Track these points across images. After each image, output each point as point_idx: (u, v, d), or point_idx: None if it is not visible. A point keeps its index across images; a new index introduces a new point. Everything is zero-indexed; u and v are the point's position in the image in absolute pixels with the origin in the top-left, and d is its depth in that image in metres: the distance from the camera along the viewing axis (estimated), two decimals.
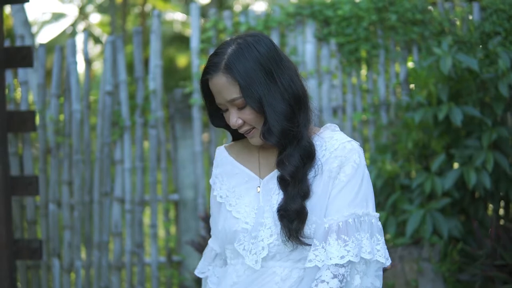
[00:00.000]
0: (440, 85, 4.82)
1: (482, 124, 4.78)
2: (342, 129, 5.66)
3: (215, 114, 2.20)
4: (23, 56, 4.19)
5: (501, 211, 5.18)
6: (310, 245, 2.04)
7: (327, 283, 1.96)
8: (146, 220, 6.80)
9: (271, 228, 2.07)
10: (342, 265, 1.98)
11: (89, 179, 5.58)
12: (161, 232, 7.50)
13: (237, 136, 2.29)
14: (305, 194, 2.04)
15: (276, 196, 2.10)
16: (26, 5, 9.19)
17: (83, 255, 5.74)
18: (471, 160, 4.69)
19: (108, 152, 5.57)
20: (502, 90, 4.61)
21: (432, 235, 4.70)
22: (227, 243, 2.17)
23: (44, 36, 21.82)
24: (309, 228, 2.04)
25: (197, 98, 5.61)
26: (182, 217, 5.81)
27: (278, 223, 2.05)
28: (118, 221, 5.62)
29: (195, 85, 5.66)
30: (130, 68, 5.95)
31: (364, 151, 5.78)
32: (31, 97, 6.72)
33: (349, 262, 1.99)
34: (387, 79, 5.78)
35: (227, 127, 2.22)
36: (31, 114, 4.27)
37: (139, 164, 5.65)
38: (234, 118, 2.07)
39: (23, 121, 4.24)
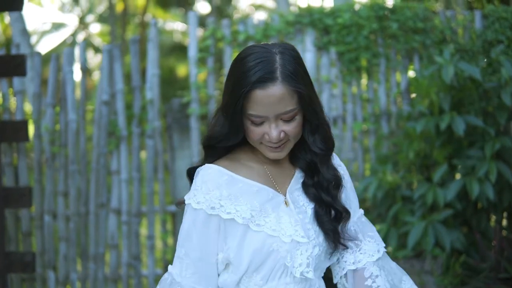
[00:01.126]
0: (442, 94, 4.76)
1: (485, 134, 4.71)
2: (342, 139, 5.63)
3: (237, 131, 2.04)
4: (16, 64, 4.13)
5: (504, 222, 5.10)
6: (347, 247, 2.13)
7: (380, 276, 2.12)
8: (143, 231, 6.72)
9: (315, 239, 2.05)
10: (379, 257, 2.16)
11: (85, 190, 5.49)
12: (158, 244, 7.41)
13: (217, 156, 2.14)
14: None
15: (304, 208, 2.09)
16: (26, 14, 9.14)
17: (79, 267, 5.65)
18: (474, 171, 4.62)
19: (104, 162, 5.50)
20: (505, 99, 4.55)
21: (434, 248, 4.62)
22: (253, 270, 2.02)
23: (44, 46, 21.83)
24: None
25: (195, 108, 5.55)
26: (180, 229, 5.70)
27: (319, 233, 2.07)
28: (114, 232, 5.55)
29: (193, 94, 5.59)
30: (129, 77, 5.88)
31: (365, 161, 5.76)
32: (29, 107, 6.65)
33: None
34: (388, 89, 5.74)
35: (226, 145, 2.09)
36: (24, 124, 4.21)
37: (136, 175, 5.59)
38: (277, 132, 1.96)
39: (16, 131, 4.18)
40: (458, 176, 4.88)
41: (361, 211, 2.24)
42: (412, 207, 4.87)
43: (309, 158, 2.09)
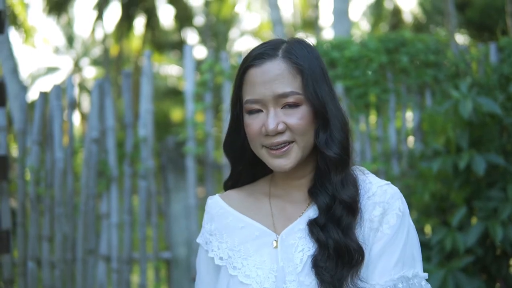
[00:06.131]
0: (458, 131, 4.46)
1: (506, 174, 4.41)
2: None
3: (237, 125, 1.78)
4: None
5: None
6: None
7: None
8: (135, 280, 6.44)
9: None
10: None
11: (72, 235, 5.25)
12: None
13: (238, 178, 1.87)
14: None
15: (300, 254, 1.68)
16: (18, 55, 8.91)
17: None
18: (496, 213, 4.30)
19: (93, 205, 5.28)
20: None
21: None
22: None
23: (38, 89, 21.99)
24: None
25: (191, 146, 5.33)
26: (175, 277, 5.55)
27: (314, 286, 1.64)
28: (103, 281, 5.32)
29: (190, 132, 5.39)
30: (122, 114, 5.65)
31: None
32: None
33: None
34: (399, 126, 5.54)
35: (239, 154, 1.83)
36: (3, 161, 3.85)
37: (127, 219, 5.36)
38: (275, 121, 1.64)
39: None
40: (475, 219, 4.56)
41: (409, 274, 1.67)
42: (428, 254, 4.56)
43: (330, 194, 1.72)
